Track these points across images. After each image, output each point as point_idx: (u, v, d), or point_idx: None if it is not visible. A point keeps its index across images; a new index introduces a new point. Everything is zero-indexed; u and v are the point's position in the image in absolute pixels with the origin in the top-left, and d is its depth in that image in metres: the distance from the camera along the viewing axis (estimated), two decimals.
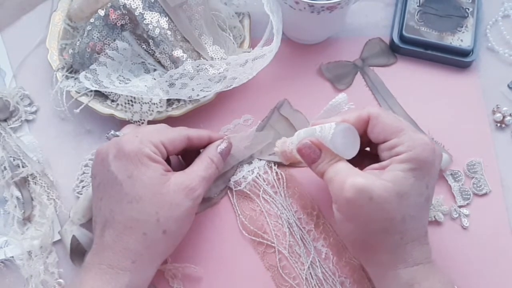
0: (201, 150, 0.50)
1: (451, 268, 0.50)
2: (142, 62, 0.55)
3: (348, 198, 0.41)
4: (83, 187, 0.53)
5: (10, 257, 0.50)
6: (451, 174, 0.53)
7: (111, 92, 0.54)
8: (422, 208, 0.42)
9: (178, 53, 0.53)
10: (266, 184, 0.53)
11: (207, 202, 0.52)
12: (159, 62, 0.54)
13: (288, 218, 0.51)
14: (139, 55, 0.54)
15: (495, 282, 0.50)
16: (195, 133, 0.48)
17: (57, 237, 0.51)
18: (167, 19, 0.53)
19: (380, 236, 0.41)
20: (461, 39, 0.58)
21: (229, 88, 0.53)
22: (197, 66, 0.52)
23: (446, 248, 0.51)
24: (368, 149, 0.49)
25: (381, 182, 0.41)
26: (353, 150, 0.44)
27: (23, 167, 0.53)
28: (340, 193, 0.42)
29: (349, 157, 0.44)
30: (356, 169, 0.43)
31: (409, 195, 0.41)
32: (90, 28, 0.54)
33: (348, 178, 0.41)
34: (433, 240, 0.50)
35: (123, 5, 0.52)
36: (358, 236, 0.43)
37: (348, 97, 0.49)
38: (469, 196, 0.52)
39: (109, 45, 0.54)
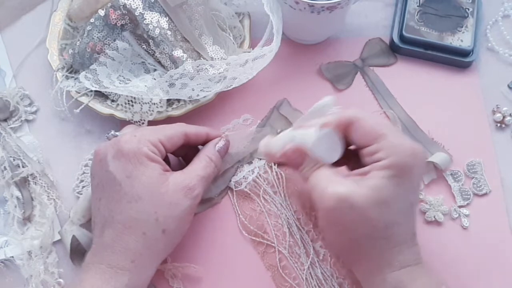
0: (199, 147, 0.50)
1: (451, 268, 0.50)
2: (142, 62, 0.55)
3: (329, 206, 0.41)
4: (83, 187, 0.53)
5: (10, 257, 0.50)
6: (451, 174, 0.53)
7: (111, 92, 0.54)
8: (406, 214, 0.41)
9: (178, 53, 0.53)
10: (266, 184, 0.53)
11: (207, 202, 0.52)
12: (159, 62, 0.54)
13: (288, 218, 0.51)
14: (139, 55, 0.54)
15: (495, 282, 0.49)
16: (192, 129, 0.49)
17: (57, 237, 0.51)
18: (167, 19, 0.53)
19: (364, 242, 0.41)
20: (461, 39, 0.58)
21: (229, 88, 0.53)
22: (197, 66, 0.52)
23: (446, 248, 0.50)
24: (353, 147, 0.47)
25: (361, 190, 0.40)
26: (335, 155, 0.44)
27: (23, 167, 0.53)
28: (321, 202, 0.41)
29: (332, 162, 0.44)
30: (338, 176, 0.42)
31: (390, 202, 0.40)
32: (90, 28, 0.54)
33: (329, 187, 0.41)
34: (433, 240, 0.51)
35: (123, 5, 0.52)
36: (342, 243, 0.43)
37: (336, 99, 0.47)
38: (469, 196, 0.52)
39: (109, 45, 0.54)
